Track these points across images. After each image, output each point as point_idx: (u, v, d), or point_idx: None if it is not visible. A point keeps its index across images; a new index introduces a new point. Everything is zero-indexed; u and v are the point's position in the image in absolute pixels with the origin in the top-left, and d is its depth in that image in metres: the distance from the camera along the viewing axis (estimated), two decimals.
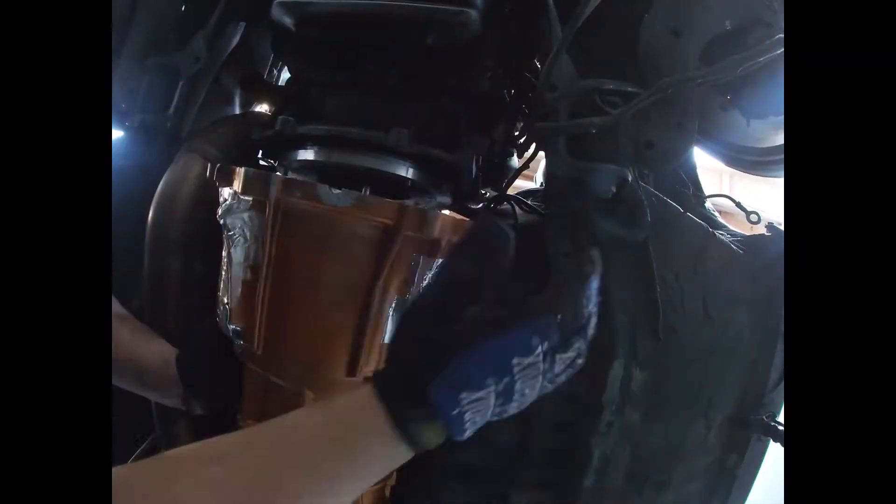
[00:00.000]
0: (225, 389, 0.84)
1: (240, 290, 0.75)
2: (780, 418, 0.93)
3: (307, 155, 0.84)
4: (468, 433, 0.51)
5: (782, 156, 0.98)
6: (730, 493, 0.98)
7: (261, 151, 0.94)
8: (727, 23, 0.85)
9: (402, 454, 0.51)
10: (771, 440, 0.94)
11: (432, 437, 0.51)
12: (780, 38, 0.65)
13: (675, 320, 0.82)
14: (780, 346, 0.91)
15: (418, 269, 0.73)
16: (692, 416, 0.87)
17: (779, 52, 0.65)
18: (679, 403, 0.86)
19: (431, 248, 0.71)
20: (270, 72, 1.30)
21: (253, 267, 0.73)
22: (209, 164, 0.85)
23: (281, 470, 0.45)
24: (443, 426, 0.50)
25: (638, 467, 0.85)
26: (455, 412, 0.49)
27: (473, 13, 0.78)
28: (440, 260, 0.72)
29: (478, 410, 0.50)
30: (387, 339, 0.74)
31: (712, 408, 0.88)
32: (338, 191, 0.66)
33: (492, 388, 0.49)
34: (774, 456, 0.91)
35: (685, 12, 0.83)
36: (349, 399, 0.51)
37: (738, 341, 0.88)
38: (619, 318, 0.80)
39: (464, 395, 0.48)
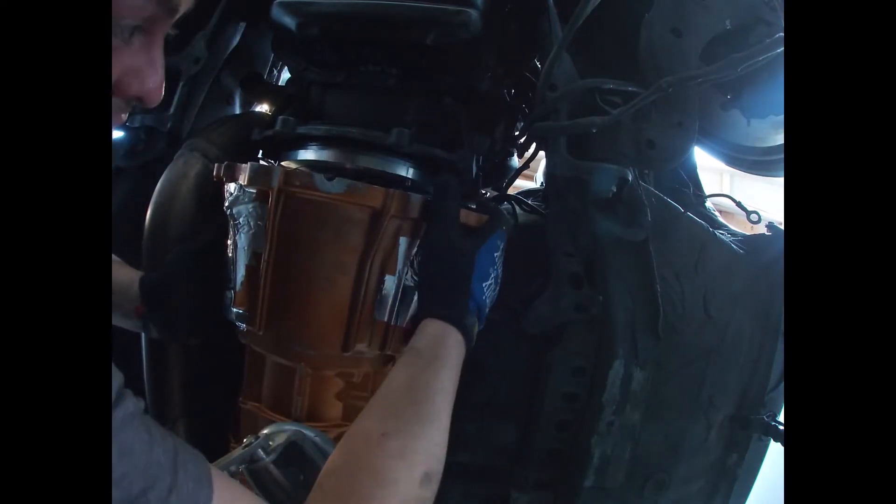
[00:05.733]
0: (187, 315, 0.84)
1: (244, 274, 0.81)
2: (781, 418, 0.93)
3: (307, 155, 0.85)
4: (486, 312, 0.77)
5: (782, 155, 0.98)
6: (730, 492, 0.98)
7: (261, 151, 0.94)
8: (727, 22, 0.85)
9: (463, 351, 0.71)
10: (771, 440, 0.94)
11: (475, 324, 0.73)
12: (780, 37, 0.65)
13: (676, 320, 0.82)
14: (780, 346, 0.91)
15: (403, 249, 0.78)
16: (692, 415, 0.87)
17: (779, 51, 0.65)
18: (679, 403, 0.85)
19: (415, 228, 0.78)
20: (270, 72, 1.30)
21: (256, 252, 0.79)
22: (214, 163, 0.86)
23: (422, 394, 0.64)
24: (477, 314, 0.74)
25: (638, 467, 0.85)
26: (483, 297, 0.75)
27: (473, 13, 0.78)
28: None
29: (490, 295, 0.76)
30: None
31: (713, 407, 0.88)
32: (332, 179, 0.74)
33: (493, 274, 0.76)
34: (774, 456, 0.91)
35: (686, 12, 0.83)
36: (427, 336, 0.70)
37: (738, 341, 0.88)
38: (620, 318, 0.80)
39: (483, 284, 0.75)
